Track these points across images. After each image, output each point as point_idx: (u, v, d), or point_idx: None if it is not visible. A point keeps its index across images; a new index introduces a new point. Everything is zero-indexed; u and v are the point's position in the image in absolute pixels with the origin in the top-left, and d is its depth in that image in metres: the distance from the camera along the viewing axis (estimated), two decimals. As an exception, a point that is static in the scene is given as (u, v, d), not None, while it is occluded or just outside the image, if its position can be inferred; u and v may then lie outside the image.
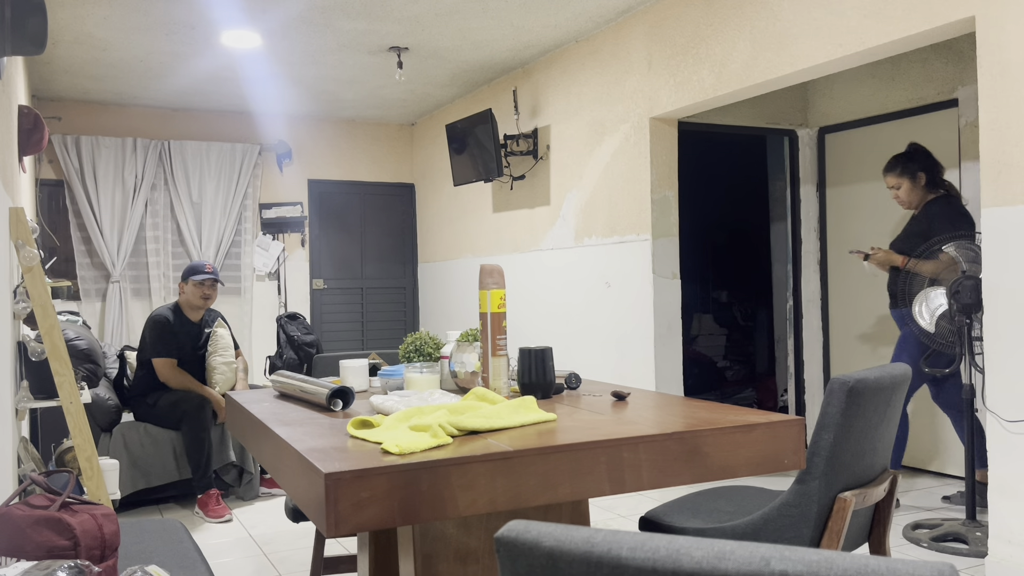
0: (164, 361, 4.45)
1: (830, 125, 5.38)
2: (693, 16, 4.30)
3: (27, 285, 2.71)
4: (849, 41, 3.48)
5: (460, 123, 5.87)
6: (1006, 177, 2.95)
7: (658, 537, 0.78)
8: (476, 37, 5.07)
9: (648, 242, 4.60)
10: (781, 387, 5.90)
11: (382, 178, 7.63)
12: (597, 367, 5.07)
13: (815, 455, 1.90)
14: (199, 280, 4.49)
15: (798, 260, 5.52)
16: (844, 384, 1.88)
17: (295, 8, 4.47)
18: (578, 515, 1.89)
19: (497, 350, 2.05)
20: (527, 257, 5.81)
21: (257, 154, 6.99)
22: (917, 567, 0.69)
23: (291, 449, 1.58)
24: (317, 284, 7.35)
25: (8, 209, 2.74)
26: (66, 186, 6.46)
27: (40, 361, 2.90)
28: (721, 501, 2.27)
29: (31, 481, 1.69)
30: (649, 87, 4.60)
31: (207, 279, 4.49)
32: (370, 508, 1.38)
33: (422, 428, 1.61)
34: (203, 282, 4.50)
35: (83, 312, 6.43)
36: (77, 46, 5.05)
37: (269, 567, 3.49)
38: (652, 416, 1.80)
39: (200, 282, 4.49)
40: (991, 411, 3.02)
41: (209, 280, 4.50)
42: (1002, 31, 2.95)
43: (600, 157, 5.00)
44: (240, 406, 2.21)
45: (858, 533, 2.08)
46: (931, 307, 3.78)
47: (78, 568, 1.39)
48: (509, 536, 0.85)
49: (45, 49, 2.52)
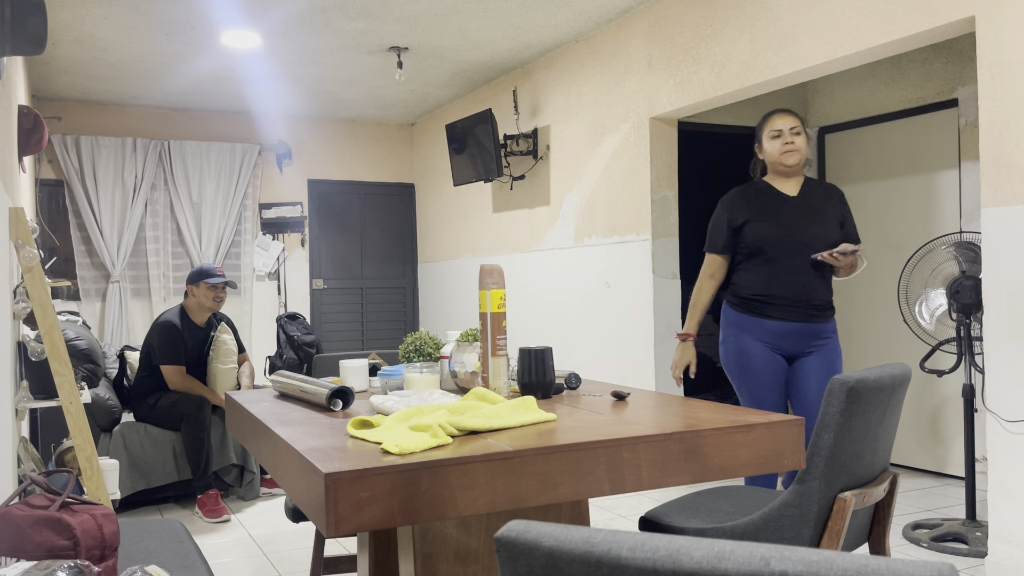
0: (173, 369, 4.45)
1: (830, 125, 5.38)
2: (693, 16, 4.30)
3: (27, 285, 2.71)
4: (849, 41, 3.48)
5: (460, 123, 5.87)
6: (1006, 177, 2.95)
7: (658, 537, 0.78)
8: (476, 37, 5.07)
9: (648, 242, 4.60)
10: (781, 387, 5.89)
11: (382, 178, 7.63)
12: (597, 367, 5.07)
13: (815, 455, 1.90)
14: (213, 283, 4.48)
15: (798, 260, 5.51)
16: (844, 384, 1.88)
17: (295, 8, 4.47)
18: (578, 515, 1.89)
19: (497, 350, 2.05)
20: (527, 257, 5.81)
21: (257, 154, 7.00)
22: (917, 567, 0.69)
23: (291, 449, 1.58)
24: (317, 284, 7.35)
25: (8, 209, 2.74)
26: (66, 186, 6.46)
27: (40, 361, 2.90)
28: (721, 501, 2.27)
29: (31, 481, 1.69)
30: (649, 87, 4.60)
31: (221, 283, 4.49)
32: (370, 508, 1.38)
33: (422, 428, 1.61)
34: (217, 286, 4.49)
35: (83, 312, 6.43)
36: (77, 46, 5.05)
37: (269, 567, 3.49)
38: (652, 416, 1.80)
39: (214, 286, 4.49)
40: (991, 411, 3.02)
41: (223, 284, 4.50)
42: (1002, 31, 2.95)
43: (600, 157, 5.00)
44: (240, 406, 2.21)
45: (858, 533, 2.08)
46: (931, 307, 3.78)
47: (78, 568, 1.39)
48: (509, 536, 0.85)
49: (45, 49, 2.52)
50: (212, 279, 4.49)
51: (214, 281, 4.48)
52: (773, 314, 3.04)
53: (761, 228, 3.03)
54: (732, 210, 3.10)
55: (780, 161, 3.07)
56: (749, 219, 3.05)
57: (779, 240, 3.01)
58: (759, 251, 3.04)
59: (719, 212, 3.15)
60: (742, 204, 3.10)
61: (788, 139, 3.06)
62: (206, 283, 4.49)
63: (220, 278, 4.50)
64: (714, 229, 3.16)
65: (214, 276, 4.50)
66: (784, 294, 3.02)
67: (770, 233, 3.01)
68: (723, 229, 3.12)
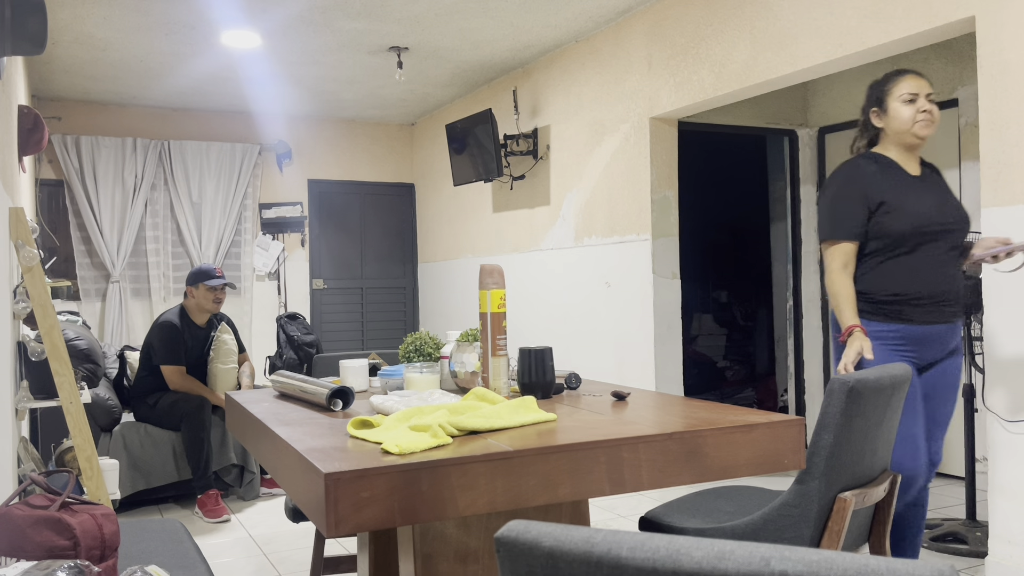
0: (173, 369, 4.45)
1: (830, 125, 5.38)
2: (693, 16, 4.30)
3: (27, 285, 2.71)
4: (849, 41, 3.48)
5: (460, 123, 5.87)
6: (1006, 177, 2.95)
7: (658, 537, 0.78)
8: (476, 37, 5.07)
9: (648, 242, 4.60)
10: (781, 387, 5.89)
11: (382, 178, 7.63)
12: (597, 367, 5.07)
13: (815, 455, 1.90)
14: (212, 285, 4.48)
15: (798, 260, 5.52)
16: (844, 384, 1.88)
17: (295, 8, 4.47)
18: (578, 515, 1.89)
19: (497, 350, 2.05)
20: (527, 257, 5.81)
21: (257, 154, 7.00)
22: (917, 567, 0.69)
23: (291, 449, 1.58)
24: (317, 284, 7.35)
25: (8, 209, 2.74)
26: (66, 186, 6.46)
27: (40, 361, 2.90)
28: (721, 501, 2.27)
29: (31, 481, 1.69)
30: (649, 87, 4.60)
31: (221, 284, 4.48)
32: (370, 508, 1.38)
33: (422, 428, 1.61)
34: (216, 287, 4.49)
35: (83, 312, 6.43)
36: (77, 46, 5.05)
37: (269, 567, 3.49)
38: (652, 416, 1.80)
39: (213, 287, 4.48)
40: (991, 411, 3.02)
41: (222, 286, 4.50)
42: (1002, 31, 2.95)
43: (600, 157, 5.00)
44: (240, 406, 2.21)
45: (858, 533, 2.08)
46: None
47: (78, 568, 1.39)
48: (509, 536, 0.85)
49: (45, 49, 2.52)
50: (211, 281, 4.48)
51: (213, 283, 4.47)
52: (916, 317, 2.56)
53: (899, 213, 2.53)
54: (869, 186, 2.55)
55: (913, 131, 2.58)
56: (885, 201, 2.54)
57: (920, 228, 2.53)
58: (896, 242, 2.54)
59: (847, 188, 2.59)
60: (877, 181, 2.55)
61: (924, 105, 2.57)
62: (205, 285, 4.48)
63: (219, 279, 4.50)
64: (840, 210, 2.58)
65: (213, 277, 4.49)
66: (928, 291, 2.55)
67: (910, 220, 2.52)
68: (857, 209, 2.56)
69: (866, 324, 2.60)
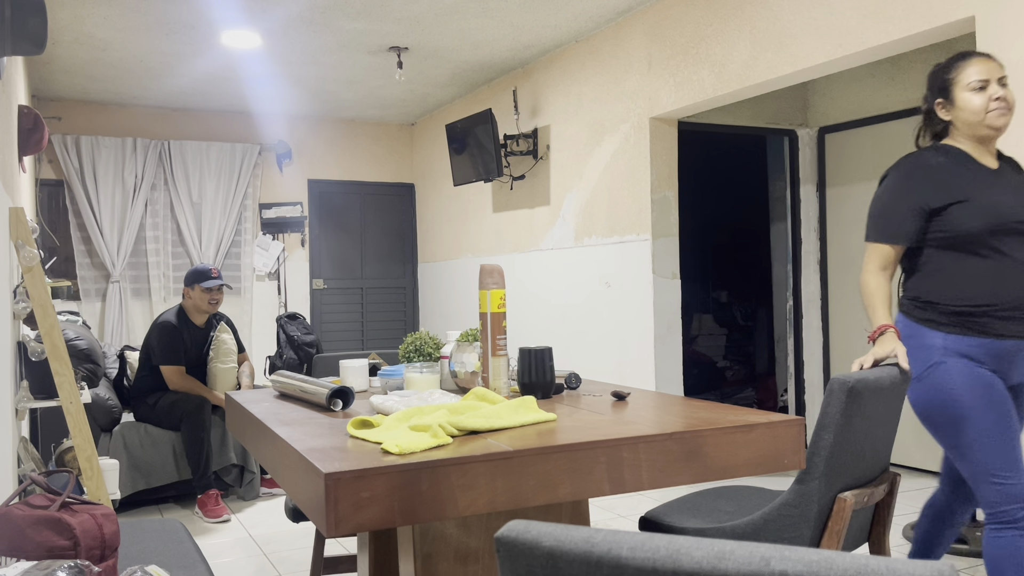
0: (173, 369, 4.45)
1: (830, 125, 5.38)
2: (693, 16, 4.30)
3: (27, 285, 2.71)
4: (849, 41, 3.48)
5: (460, 123, 5.87)
6: (1006, 177, 2.95)
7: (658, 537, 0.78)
8: (476, 37, 5.07)
9: (648, 242, 4.60)
10: (781, 387, 5.90)
11: (382, 178, 7.63)
12: (597, 367, 5.07)
13: (815, 455, 1.89)
14: (207, 287, 4.47)
15: (798, 260, 5.52)
16: (844, 384, 1.88)
17: (295, 8, 4.47)
18: (578, 515, 1.89)
19: (497, 350, 2.05)
20: (527, 257, 5.81)
21: (257, 154, 7.00)
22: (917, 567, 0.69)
23: (291, 449, 1.58)
24: (317, 284, 7.35)
25: (8, 209, 2.74)
26: (66, 186, 6.46)
27: (40, 361, 2.90)
28: (721, 501, 2.27)
29: (31, 481, 1.69)
30: (649, 87, 4.60)
31: (216, 285, 4.48)
32: (370, 508, 1.38)
33: (422, 428, 1.61)
34: (212, 288, 4.48)
35: (83, 312, 6.43)
36: (77, 46, 5.05)
37: (269, 567, 3.49)
38: (652, 416, 1.80)
39: (209, 288, 4.48)
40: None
41: (218, 286, 4.50)
42: (1002, 31, 2.95)
43: (600, 157, 5.00)
44: (240, 406, 2.21)
45: (858, 533, 2.08)
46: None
47: (78, 568, 1.39)
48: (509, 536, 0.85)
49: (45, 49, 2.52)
50: (206, 282, 4.47)
51: (208, 284, 4.47)
52: (1002, 330, 2.25)
53: (973, 209, 2.24)
54: (926, 187, 2.29)
55: (986, 122, 2.28)
56: (958, 200, 2.25)
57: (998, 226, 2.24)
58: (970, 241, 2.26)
59: (899, 188, 2.33)
60: (942, 179, 2.29)
61: (997, 91, 2.26)
62: (200, 286, 4.48)
63: (214, 280, 4.49)
64: (890, 211, 2.33)
65: (208, 279, 4.49)
66: (1015, 301, 2.25)
67: (985, 216, 2.24)
68: (910, 211, 2.30)
69: (941, 337, 2.27)
